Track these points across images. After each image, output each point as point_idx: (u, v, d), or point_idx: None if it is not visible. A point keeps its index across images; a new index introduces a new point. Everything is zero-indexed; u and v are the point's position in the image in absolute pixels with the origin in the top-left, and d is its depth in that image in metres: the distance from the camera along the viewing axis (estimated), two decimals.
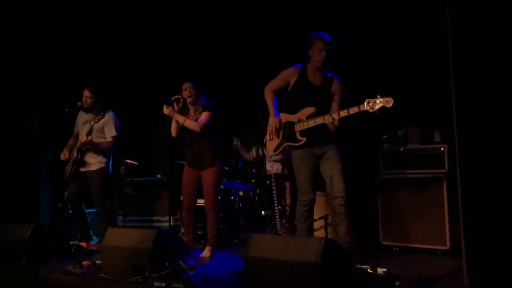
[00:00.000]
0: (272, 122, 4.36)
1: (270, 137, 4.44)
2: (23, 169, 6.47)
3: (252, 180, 6.10)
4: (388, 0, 5.52)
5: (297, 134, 4.27)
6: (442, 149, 4.76)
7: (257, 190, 6.01)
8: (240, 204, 5.93)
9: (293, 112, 4.33)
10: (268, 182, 5.93)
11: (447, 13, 3.31)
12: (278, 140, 4.39)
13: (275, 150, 4.44)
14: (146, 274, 3.68)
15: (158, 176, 6.68)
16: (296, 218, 4.35)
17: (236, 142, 6.31)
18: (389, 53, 5.58)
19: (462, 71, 3.27)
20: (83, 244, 5.22)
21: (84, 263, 4.27)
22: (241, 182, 6.15)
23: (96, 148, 5.39)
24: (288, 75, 4.39)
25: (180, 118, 4.85)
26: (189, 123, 4.85)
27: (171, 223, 5.24)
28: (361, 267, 3.71)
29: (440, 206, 4.65)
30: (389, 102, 3.85)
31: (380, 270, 3.71)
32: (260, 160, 6.00)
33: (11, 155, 6.44)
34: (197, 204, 5.24)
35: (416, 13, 5.32)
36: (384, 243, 4.99)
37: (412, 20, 5.36)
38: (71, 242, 5.11)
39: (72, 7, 6.73)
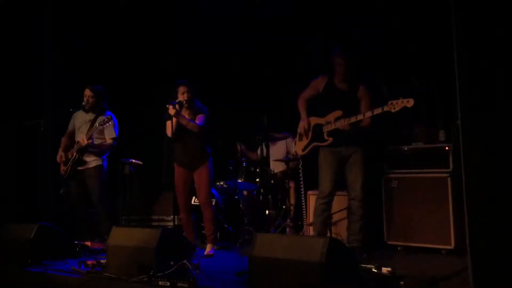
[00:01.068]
0: (302, 124, 4.73)
1: (299, 138, 4.80)
2: (27, 169, 6.48)
3: (257, 180, 6.10)
4: (395, 1, 5.53)
5: (325, 134, 4.57)
6: (447, 148, 4.75)
7: (261, 190, 6.02)
8: (245, 203, 5.93)
9: (322, 115, 4.65)
10: (273, 181, 5.94)
11: (452, 12, 3.31)
12: (307, 141, 4.71)
13: (303, 150, 4.77)
14: (151, 273, 3.69)
15: (163, 175, 6.69)
16: (314, 210, 4.69)
17: (239, 148, 6.31)
18: (395, 53, 5.57)
19: (468, 70, 3.26)
20: (88, 243, 5.25)
21: (89, 262, 4.27)
22: (245, 182, 6.16)
23: (96, 150, 5.42)
24: (317, 84, 4.73)
25: (183, 120, 4.89)
26: (192, 125, 4.90)
27: (176, 223, 5.25)
28: (365, 267, 3.71)
29: (445, 205, 4.65)
30: (410, 102, 4.12)
31: (384, 270, 3.71)
32: (265, 160, 6.01)
33: (14, 155, 6.46)
34: (196, 203, 5.26)
35: (421, 12, 5.32)
36: (388, 242, 4.99)
37: (418, 20, 5.35)
38: (76, 242, 5.13)
39: (74, 8, 6.74)
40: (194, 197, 5.41)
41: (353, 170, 4.55)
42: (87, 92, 5.50)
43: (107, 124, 5.30)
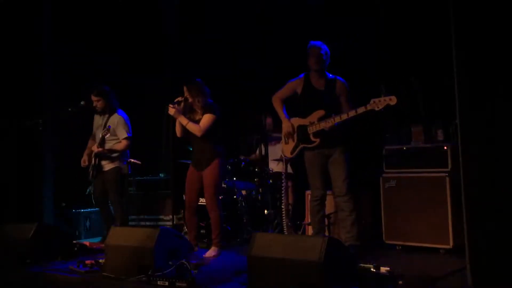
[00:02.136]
0: (285, 127, 4.74)
1: (285, 141, 4.80)
2: (26, 168, 6.48)
3: (255, 179, 6.10)
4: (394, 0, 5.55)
5: (311, 136, 4.57)
6: (445, 148, 4.75)
7: (260, 189, 6.02)
8: (243, 203, 5.93)
9: (304, 116, 4.65)
10: (271, 181, 5.94)
11: (450, 14, 3.31)
12: (294, 143, 4.71)
13: (291, 153, 4.76)
14: (150, 273, 3.69)
15: (161, 175, 6.69)
16: (310, 210, 4.75)
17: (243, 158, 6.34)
18: (395, 53, 5.58)
19: (466, 70, 3.27)
20: (87, 243, 5.26)
21: (88, 262, 4.28)
22: (244, 181, 6.16)
23: (111, 153, 5.51)
24: (294, 85, 4.73)
25: (183, 120, 4.87)
26: (191, 126, 4.87)
27: (174, 222, 5.25)
28: (364, 266, 3.71)
29: (443, 205, 4.65)
30: (392, 100, 4.13)
31: (383, 269, 3.71)
32: (263, 159, 6.02)
33: (14, 154, 6.46)
34: (200, 204, 5.24)
35: (421, 12, 5.33)
36: (387, 242, 4.98)
37: (418, 19, 5.36)
38: (75, 241, 5.14)
39: (75, 7, 6.74)
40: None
41: (335, 168, 4.57)
42: (92, 98, 5.59)
43: (108, 135, 5.41)
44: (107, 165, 5.54)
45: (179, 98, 4.91)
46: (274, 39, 6.46)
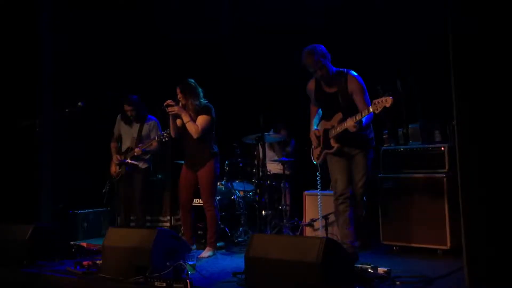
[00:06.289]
0: (310, 134, 4.64)
1: (314, 146, 4.67)
2: (24, 169, 6.47)
3: (253, 180, 6.10)
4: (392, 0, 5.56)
5: (331, 141, 4.42)
6: (443, 148, 4.75)
7: (258, 190, 6.01)
8: (241, 204, 5.93)
9: (328, 119, 4.50)
10: (269, 182, 5.95)
11: (447, 13, 3.32)
12: (320, 148, 4.58)
13: (318, 158, 4.64)
14: (147, 274, 3.69)
15: (159, 176, 6.69)
16: (334, 211, 4.58)
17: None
18: (392, 53, 5.59)
19: (463, 71, 3.27)
20: (84, 244, 5.25)
21: (85, 263, 4.27)
22: (242, 182, 6.16)
23: (149, 152, 5.67)
24: (310, 89, 4.59)
25: (186, 118, 4.87)
26: (190, 126, 4.87)
27: (172, 223, 5.25)
28: (361, 267, 3.72)
29: (441, 205, 4.65)
30: (388, 101, 3.93)
31: (380, 270, 3.72)
32: (262, 160, 6.01)
33: (12, 155, 6.45)
34: (195, 204, 5.25)
35: (419, 12, 5.34)
36: (384, 242, 4.98)
37: (416, 19, 5.37)
38: (72, 242, 5.13)
39: (74, 6, 6.74)
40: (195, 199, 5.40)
41: (355, 172, 4.46)
42: (126, 107, 5.69)
43: (166, 139, 5.38)
44: (140, 164, 5.67)
45: (169, 102, 4.88)
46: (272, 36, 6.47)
